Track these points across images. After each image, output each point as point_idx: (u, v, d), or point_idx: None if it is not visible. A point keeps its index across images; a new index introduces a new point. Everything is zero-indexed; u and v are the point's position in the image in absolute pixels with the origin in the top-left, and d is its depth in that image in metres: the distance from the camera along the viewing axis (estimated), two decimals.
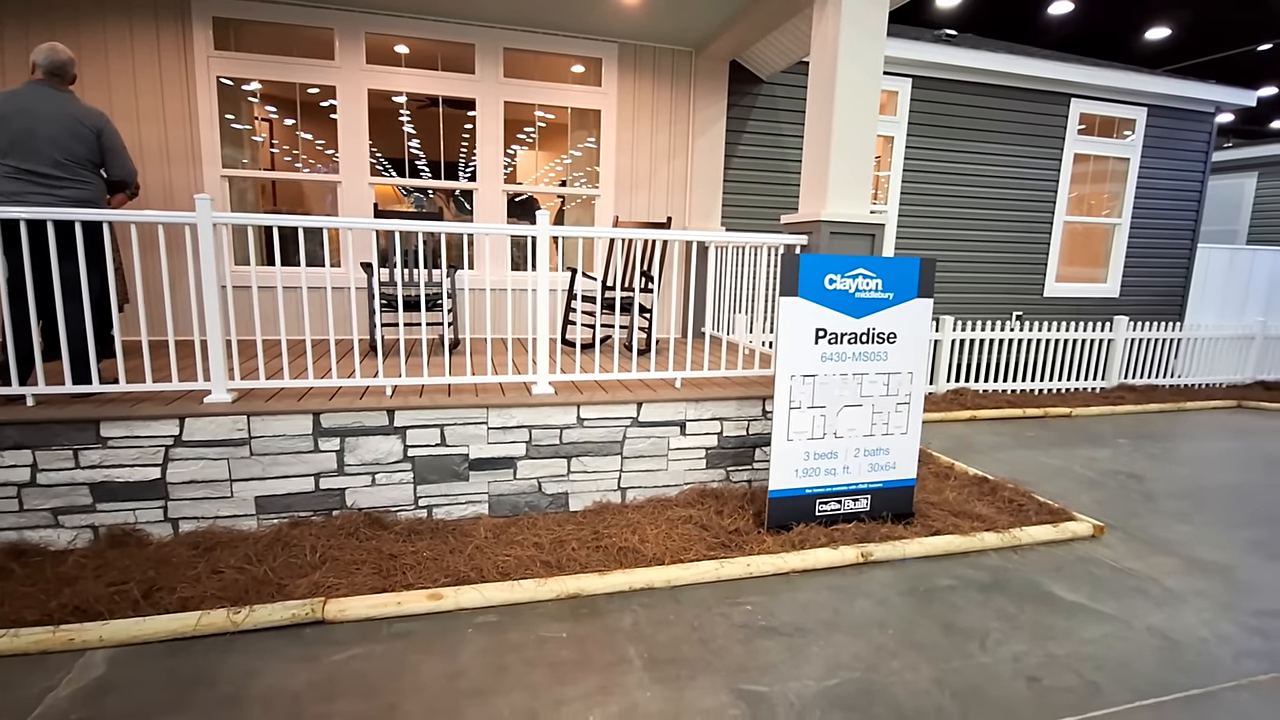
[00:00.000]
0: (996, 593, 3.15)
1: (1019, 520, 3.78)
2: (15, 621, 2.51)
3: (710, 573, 3.10)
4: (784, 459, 3.45)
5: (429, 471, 3.46)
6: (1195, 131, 7.70)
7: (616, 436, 3.71)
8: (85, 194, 3.18)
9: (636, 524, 3.46)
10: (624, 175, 5.92)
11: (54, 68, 3.15)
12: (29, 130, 3.01)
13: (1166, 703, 2.41)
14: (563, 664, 2.49)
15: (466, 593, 2.83)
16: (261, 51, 5.07)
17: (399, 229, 3.40)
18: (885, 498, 3.67)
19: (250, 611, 2.60)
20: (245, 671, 2.38)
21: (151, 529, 3.17)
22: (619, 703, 2.29)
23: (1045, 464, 5.13)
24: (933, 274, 3.55)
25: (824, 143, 3.87)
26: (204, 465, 3.17)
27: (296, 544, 3.10)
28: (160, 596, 2.68)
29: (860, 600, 3.02)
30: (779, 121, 6.26)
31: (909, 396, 3.62)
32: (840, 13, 3.72)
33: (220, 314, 3.21)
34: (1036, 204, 7.23)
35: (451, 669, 2.44)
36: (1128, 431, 6.23)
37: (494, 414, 3.50)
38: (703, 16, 5.15)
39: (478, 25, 5.35)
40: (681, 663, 2.52)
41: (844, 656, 2.61)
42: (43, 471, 3.02)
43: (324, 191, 8.77)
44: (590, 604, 2.90)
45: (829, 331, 3.43)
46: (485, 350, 3.96)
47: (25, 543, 3.04)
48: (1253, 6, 13.95)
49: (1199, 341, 7.81)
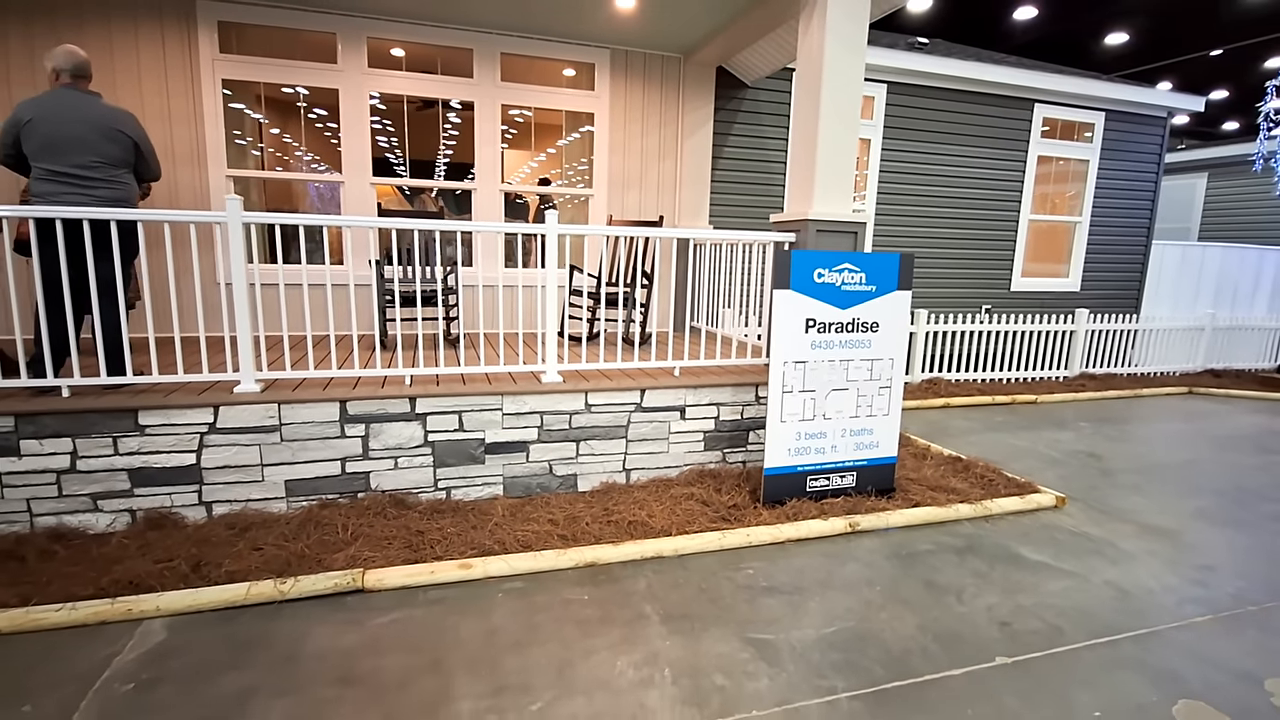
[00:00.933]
0: (970, 555, 3.48)
1: (990, 493, 4.13)
2: (70, 596, 2.69)
3: (714, 542, 3.38)
4: (778, 439, 3.75)
5: (448, 455, 3.69)
6: (1150, 135, 8.20)
7: (622, 421, 3.97)
8: (119, 194, 3.34)
9: (643, 501, 3.73)
10: (616, 175, 6.17)
11: (76, 70, 3.29)
12: (60, 134, 3.16)
13: (1119, 640, 2.75)
14: (588, 621, 2.75)
15: (493, 562, 3.07)
16: (265, 54, 5.22)
17: (419, 229, 3.62)
18: (869, 474, 3.99)
19: (295, 582, 2.81)
20: (297, 634, 2.60)
21: (186, 512, 3.35)
22: (642, 650, 2.56)
23: (1013, 445, 5.52)
24: (911, 268, 3.87)
25: (810, 147, 4.17)
26: (237, 451, 3.36)
27: (328, 523, 3.31)
28: (208, 570, 2.88)
29: (850, 564, 3.33)
30: (762, 124, 6.57)
31: (890, 381, 3.94)
32: (825, 29, 4.02)
33: (249, 308, 3.40)
34: (1003, 203, 7.66)
35: (487, 627, 2.68)
36: (1088, 416, 6.67)
37: (508, 401, 3.74)
38: (692, 26, 5.43)
39: (476, 31, 5.56)
40: (694, 618, 2.80)
41: (838, 610, 2.91)
42: (82, 458, 3.19)
43: (306, 192, 8.87)
44: (606, 571, 3.16)
45: (818, 321, 3.73)
46: (495, 343, 4.17)
47: (64, 527, 3.21)
48: (1206, 16, 14.68)
49: (1154, 332, 8.32)
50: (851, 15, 4.07)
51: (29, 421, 3.10)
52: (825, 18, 4.03)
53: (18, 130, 3.11)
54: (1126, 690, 2.43)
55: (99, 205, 3.24)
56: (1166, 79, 18.22)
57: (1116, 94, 7.77)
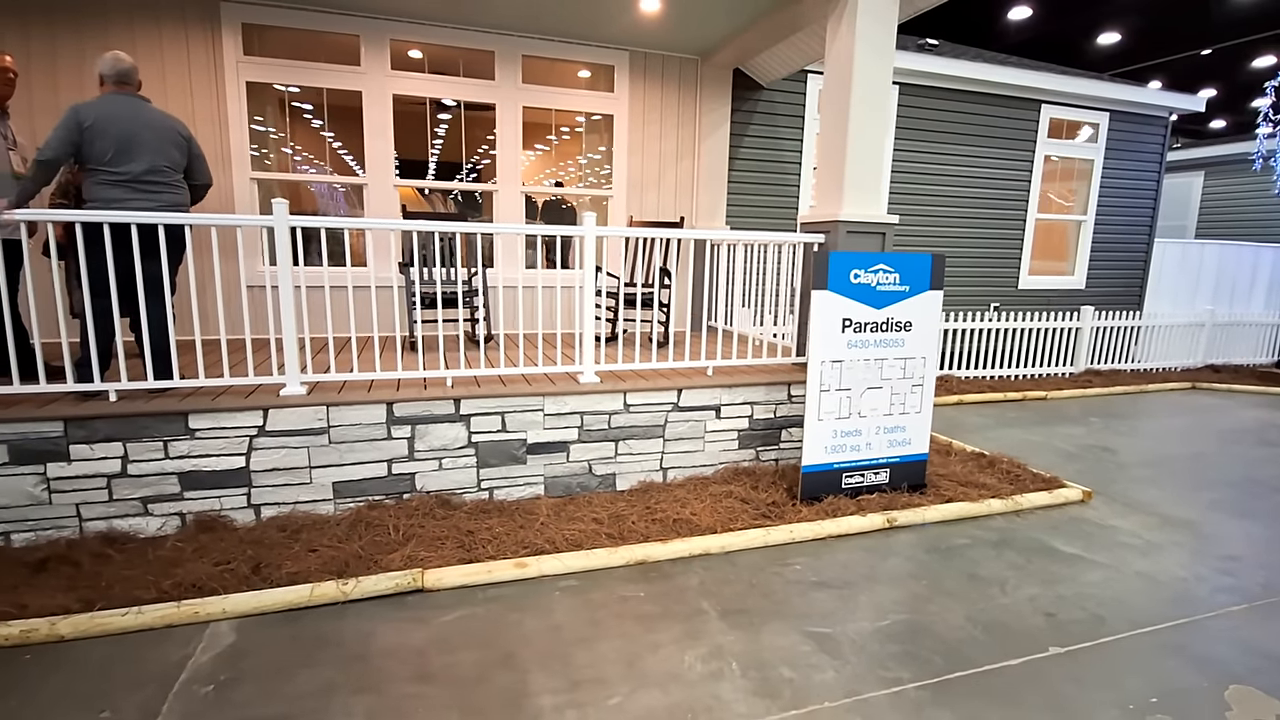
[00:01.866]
0: (1006, 549, 3.57)
1: (1019, 488, 4.22)
2: (133, 600, 2.71)
3: (759, 539, 3.45)
4: (815, 437, 3.82)
5: (491, 456, 3.73)
6: (1152, 134, 8.36)
7: (659, 421, 4.02)
8: (179, 198, 3.36)
9: (684, 499, 3.79)
10: (635, 176, 6.22)
11: (123, 76, 3.29)
12: (131, 137, 3.18)
13: (1160, 629, 2.84)
14: (647, 616, 2.80)
15: (547, 561, 3.12)
16: (289, 57, 5.22)
17: (462, 231, 3.66)
18: (902, 471, 4.06)
19: (357, 583, 2.84)
20: (364, 633, 2.63)
21: (236, 514, 3.37)
22: (706, 644, 2.61)
23: (1029, 440, 5.62)
24: (943, 268, 3.95)
25: (839, 149, 4.24)
26: (286, 453, 3.39)
27: (379, 524, 3.34)
28: (268, 572, 2.91)
29: (892, 559, 3.41)
30: (777, 125, 6.64)
31: (922, 379, 4.02)
32: (854, 33, 4.09)
33: (294, 311, 3.42)
34: (1011, 202, 7.79)
35: (551, 624, 2.73)
36: (1097, 411, 6.80)
37: (549, 401, 3.79)
38: (713, 28, 5.48)
39: (498, 33, 5.58)
40: (751, 612, 2.86)
41: (888, 603, 2.98)
42: (133, 462, 3.20)
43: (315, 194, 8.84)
44: (657, 568, 3.22)
45: (854, 321, 3.80)
46: (520, 342, 4.21)
47: (115, 531, 3.21)
48: (1197, 17, 14.94)
49: (1156, 329, 8.48)
50: (880, 19, 4.14)
51: (80, 426, 3.11)
52: (855, 22, 4.09)
53: (79, 133, 3.10)
54: (1175, 676, 2.51)
55: (161, 210, 3.25)
56: (1156, 78, 18.54)
57: (1121, 94, 7.92)
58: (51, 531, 3.14)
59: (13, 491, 3.07)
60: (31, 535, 3.12)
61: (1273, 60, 16.03)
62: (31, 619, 2.54)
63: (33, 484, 3.09)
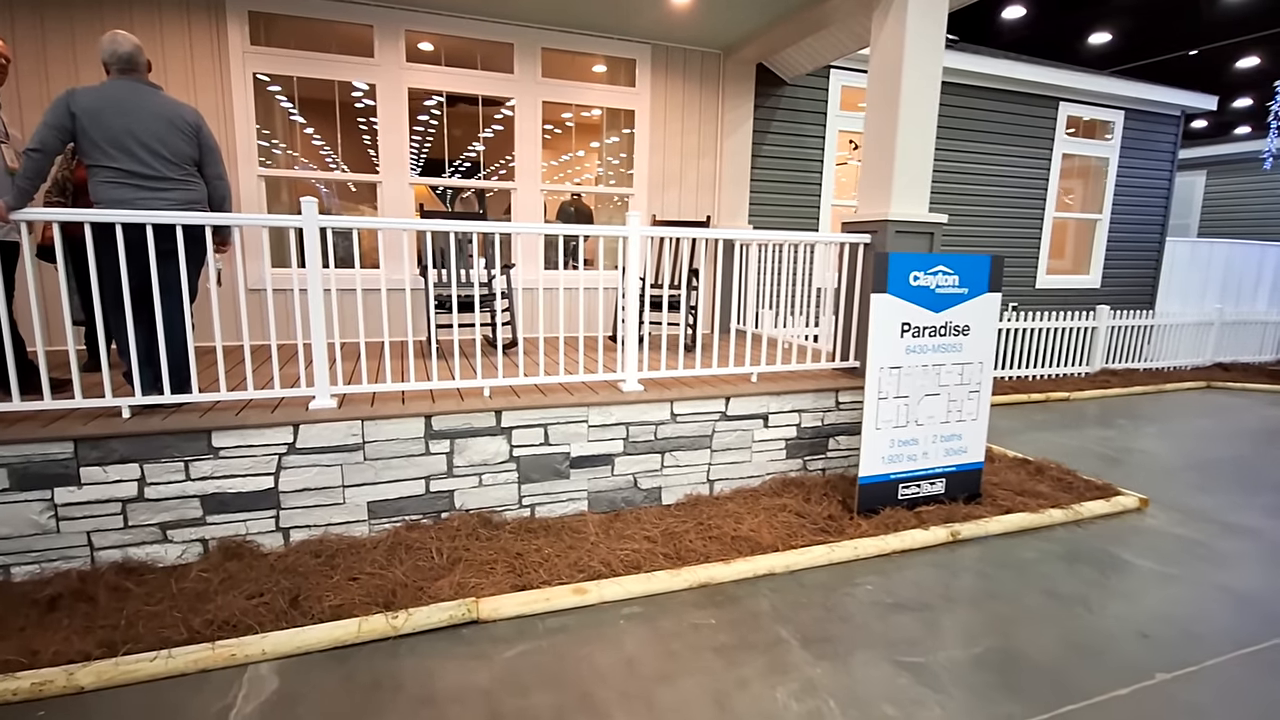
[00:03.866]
0: (1078, 563, 3.41)
1: (1075, 497, 4.07)
2: (162, 641, 2.44)
3: (822, 556, 3.25)
4: (873, 446, 3.63)
5: (533, 470, 3.50)
6: (1165, 133, 8.32)
7: (707, 431, 3.82)
8: (192, 195, 3.07)
9: (736, 514, 3.58)
10: (656, 174, 6.01)
11: (124, 61, 2.97)
12: (128, 129, 2.88)
13: (1263, 649, 2.69)
14: (725, 647, 2.59)
15: (607, 586, 2.90)
16: (299, 47, 4.93)
17: (499, 231, 3.43)
18: (958, 480, 3.90)
19: (409, 616, 2.60)
20: (423, 672, 2.39)
21: (263, 539, 3.10)
22: (796, 679, 2.41)
23: (1064, 444, 5.50)
24: (1001, 269, 3.79)
25: (887, 147, 4.06)
26: (318, 472, 3.13)
27: (419, 547, 3.10)
28: (308, 605, 2.65)
29: (964, 576, 3.23)
30: (800, 122, 6.46)
31: (979, 385, 3.86)
32: (904, 27, 3.92)
33: (324, 318, 3.17)
34: (1029, 200, 7.69)
35: (624, 657, 2.51)
36: (1121, 413, 6.71)
37: (594, 412, 3.56)
38: (742, 21, 5.28)
39: (517, 25, 5.34)
40: (833, 640, 2.67)
41: (974, 627, 2.80)
42: (151, 485, 2.92)
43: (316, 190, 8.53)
44: (722, 591, 3.01)
45: (913, 325, 3.63)
46: (557, 348, 3.97)
47: (131, 560, 2.94)
48: (1185, 18, 15.08)
49: (1168, 328, 8.44)
50: (929, 12, 3.97)
51: (92, 446, 2.83)
52: (904, 14, 3.92)
53: (70, 119, 2.80)
54: None
55: (174, 209, 2.97)
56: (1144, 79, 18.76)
57: (1136, 92, 7.86)
58: (59, 563, 2.86)
59: (15, 520, 2.78)
60: (36, 568, 2.83)
61: (1256, 61, 16.29)
62: (45, 668, 2.27)
63: (38, 511, 2.80)
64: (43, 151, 2.75)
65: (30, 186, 2.77)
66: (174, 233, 2.95)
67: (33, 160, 2.75)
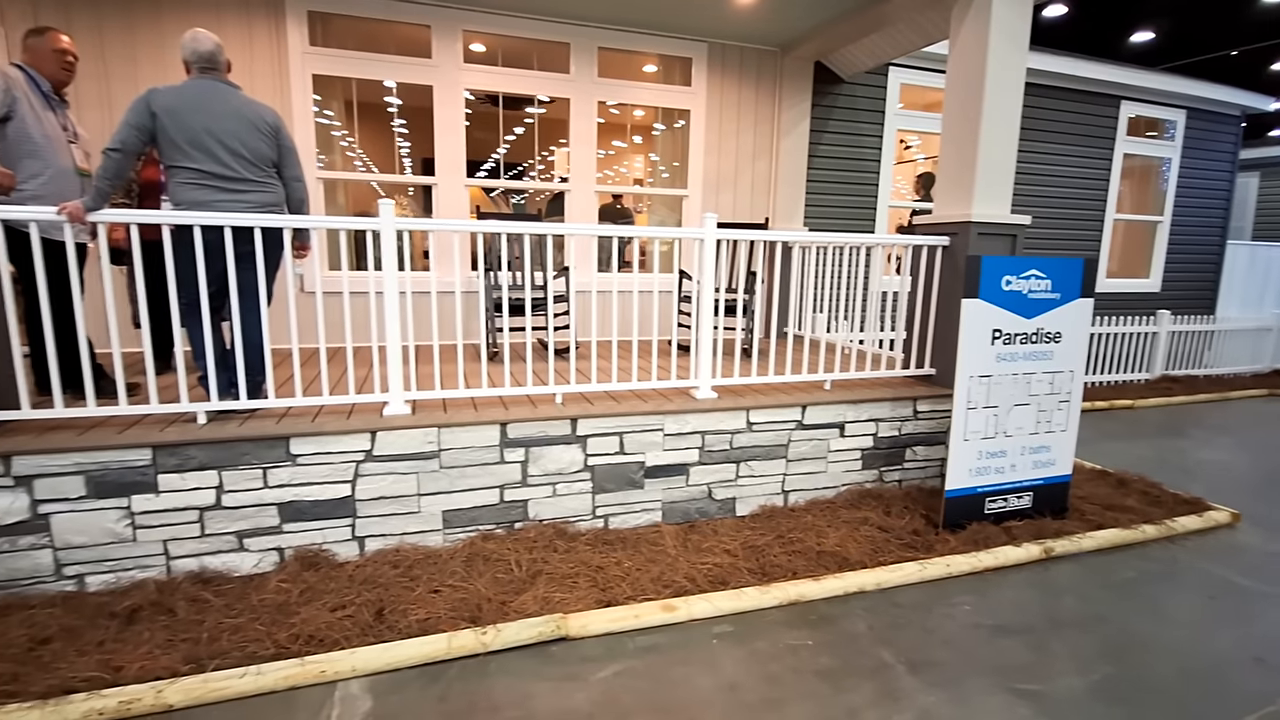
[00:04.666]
0: (1179, 583, 3.22)
1: (1166, 511, 3.88)
2: (248, 657, 2.36)
3: (914, 574, 3.11)
4: (960, 459, 3.48)
5: (607, 480, 3.39)
6: (1225, 133, 8.03)
7: (783, 440, 3.68)
8: (271, 198, 3.00)
9: (816, 527, 3.45)
10: (711, 175, 5.88)
11: (205, 59, 2.92)
12: (207, 129, 2.81)
13: None
14: (829, 672, 2.46)
15: (697, 603, 2.78)
16: (357, 48, 4.89)
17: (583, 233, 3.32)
18: (1045, 494, 3.72)
19: (498, 632, 2.50)
20: (518, 694, 2.29)
21: (338, 548, 3.03)
22: (910, 709, 2.27)
23: (1139, 455, 5.27)
24: (1094, 274, 3.62)
25: (969, 146, 3.91)
26: (394, 480, 3.04)
27: (497, 558, 3.00)
28: (393, 619, 2.56)
29: (1065, 597, 3.06)
30: (858, 121, 6.30)
31: (1070, 394, 3.69)
32: (988, 21, 3.77)
33: (399, 323, 3.08)
34: (1090, 201, 7.45)
35: (724, 681, 2.39)
36: (1188, 421, 6.46)
37: (669, 420, 3.45)
38: (806, 17, 5.14)
39: (574, 24, 5.25)
40: (940, 665, 2.52)
41: (1086, 653, 2.64)
42: (229, 493, 2.86)
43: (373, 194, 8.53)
44: (814, 609, 2.87)
45: (1004, 332, 3.47)
46: (621, 353, 3.85)
47: (207, 570, 2.87)
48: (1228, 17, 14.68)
49: (1228, 333, 8.15)
50: (1014, 5, 3.82)
51: (170, 453, 2.76)
52: (989, 8, 3.77)
53: (150, 119, 2.74)
54: None
55: (250, 211, 2.91)
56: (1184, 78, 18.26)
57: (1198, 91, 7.59)
58: (135, 572, 2.80)
59: (92, 529, 2.73)
60: (112, 577, 2.78)
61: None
62: (132, 685, 2.19)
63: (115, 519, 2.75)
64: (123, 151, 2.70)
65: (109, 187, 2.71)
66: (252, 235, 2.88)
67: (112, 160, 2.69)
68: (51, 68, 3.21)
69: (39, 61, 3.18)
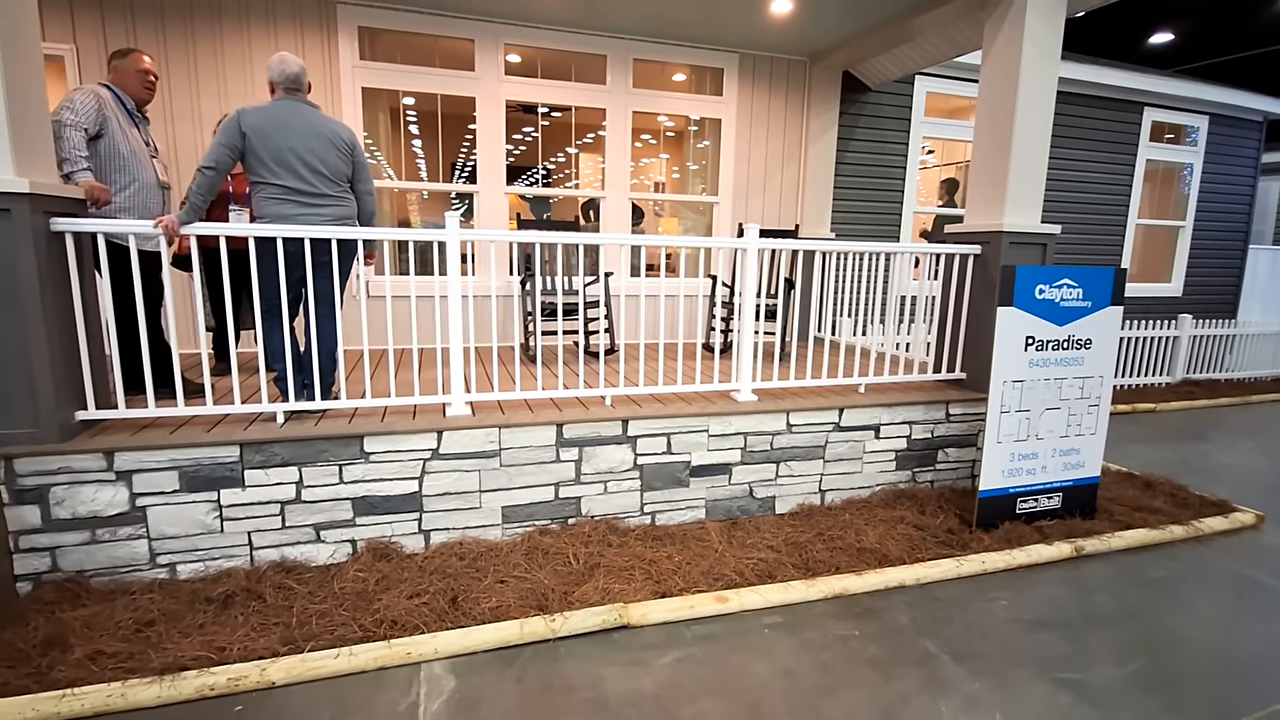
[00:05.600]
0: (1208, 581, 3.35)
1: (1193, 513, 4.00)
2: (338, 639, 2.55)
3: (951, 570, 3.25)
4: (994, 460, 3.62)
5: (655, 478, 3.56)
6: (1247, 138, 8.10)
7: (820, 441, 3.84)
8: (346, 211, 3.19)
9: (854, 525, 3.60)
10: (740, 182, 6.04)
11: (291, 81, 3.12)
12: (291, 147, 3.01)
13: None
14: (877, 661, 2.61)
15: (747, 595, 2.94)
16: (405, 61, 5.08)
17: (635, 243, 3.49)
18: (1074, 495, 3.86)
19: (565, 619, 2.67)
20: (589, 676, 2.46)
21: (405, 541, 3.21)
22: (957, 695, 2.42)
23: (1163, 458, 5.38)
24: (1124, 282, 3.75)
25: (1001, 156, 4.04)
26: (458, 477, 3.23)
27: (555, 552, 3.18)
28: (468, 606, 2.74)
29: (1098, 594, 3.20)
30: (884, 129, 6.44)
31: (1099, 399, 3.82)
32: (1022, 34, 3.89)
33: (461, 328, 3.26)
34: (1114, 206, 7.54)
35: (780, 668, 2.55)
36: (1210, 425, 6.55)
37: (714, 422, 3.61)
38: (837, 29, 5.29)
39: (611, 36, 5.42)
40: (982, 657, 2.67)
41: (1121, 646, 2.77)
42: (308, 488, 3.05)
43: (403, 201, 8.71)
44: (857, 603, 3.03)
45: (1036, 339, 3.60)
46: (653, 355, 4.01)
47: (287, 560, 3.06)
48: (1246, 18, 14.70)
49: (1249, 337, 8.21)
50: (1048, 18, 3.94)
51: (256, 450, 2.96)
52: (1022, 21, 3.90)
53: (241, 139, 2.94)
54: None
55: (327, 223, 3.10)
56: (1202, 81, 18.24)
57: (1220, 97, 7.66)
58: (221, 561, 2.99)
59: (184, 520, 2.92)
60: (200, 565, 2.97)
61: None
62: (237, 664, 2.38)
63: (205, 512, 2.94)
64: (216, 170, 2.89)
65: (203, 203, 2.91)
66: (330, 246, 3.07)
67: (206, 177, 2.89)
68: (135, 87, 3.42)
69: (124, 81, 3.39)
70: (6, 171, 2.54)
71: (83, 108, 3.10)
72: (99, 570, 2.83)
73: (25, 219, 2.57)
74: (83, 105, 3.10)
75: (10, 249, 2.57)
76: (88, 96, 3.15)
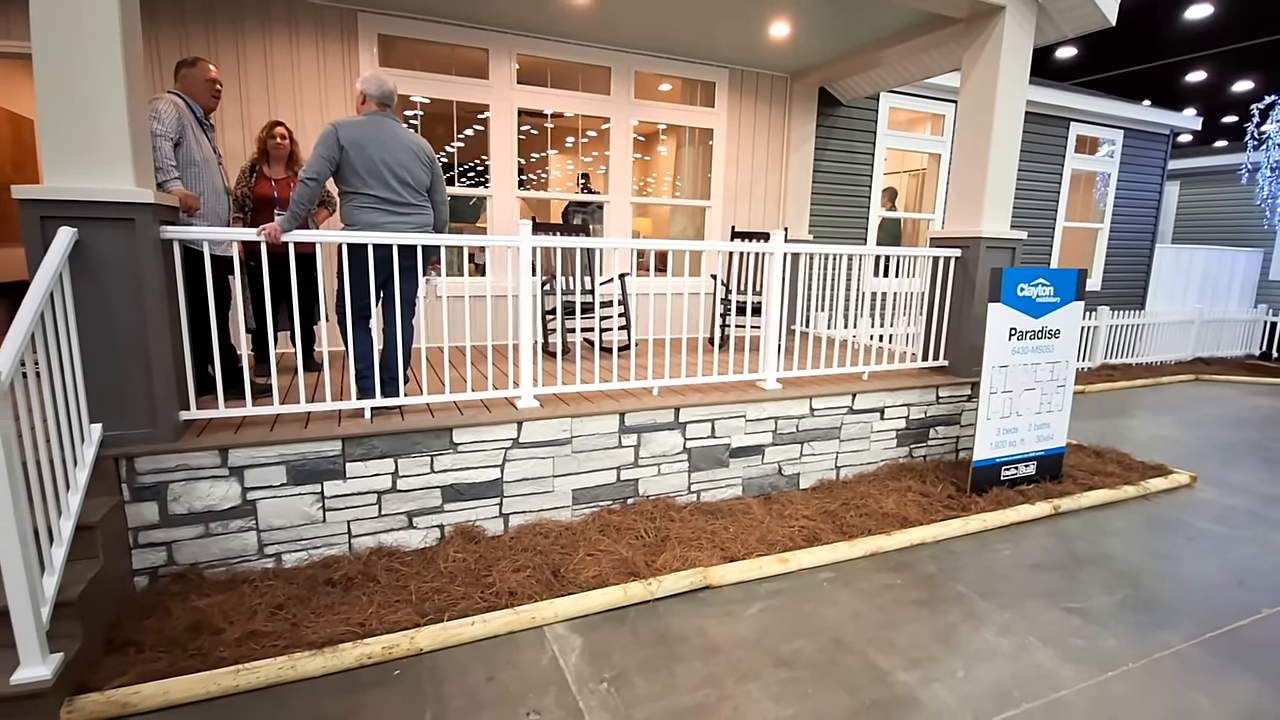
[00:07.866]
0: (1163, 529, 4.05)
1: (1140, 475, 4.74)
2: (465, 610, 2.82)
3: (960, 528, 3.81)
4: (985, 435, 4.21)
5: (701, 460, 3.96)
6: (1156, 150, 9.23)
7: (836, 423, 4.34)
8: (426, 219, 3.42)
9: (872, 495, 4.11)
10: (730, 187, 6.50)
11: (386, 98, 3.33)
12: (384, 160, 3.22)
13: None
14: (923, 601, 3.12)
15: (803, 556, 3.39)
16: (421, 69, 5.25)
17: (680, 249, 3.86)
18: (1045, 463, 4.52)
19: (659, 583, 3.05)
20: (693, 628, 2.84)
21: (487, 524, 3.49)
22: (991, 623, 2.95)
23: (1100, 431, 6.21)
24: (1085, 281, 4.42)
25: (979, 170, 4.65)
26: (534, 464, 3.53)
27: (625, 528, 3.53)
28: (570, 576, 3.07)
29: (1078, 542, 3.83)
30: (854, 141, 7.04)
31: (1065, 380, 4.49)
32: (998, 67, 4.50)
33: (530, 326, 3.56)
34: (1043, 213, 8.47)
35: (846, 612, 3.01)
36: (1132, 403, 7.52)
37: (750, 408, 4.04)
38: (820, 50, 5.81)
39: (616, 50, 5.75)
40: (1001, 594, 3.22)
41: (1108, 580, 3.39)
42: (402, 478, 3.28)
43: None
44: (891, 558, 3.53)
45: (1018, 330, 4.22)
46: (666, 349, 4.42)
47: (383, 546, 3.29)
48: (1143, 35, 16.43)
49: (1157, 326, 9.37)
50: (1018, 53, 4.57)
51: (357, 444, 3.17)
52: (998, 56, 4.50)
53: (339, 151, 3.14)
54: None
55: (414, 231, 3.33)
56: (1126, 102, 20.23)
57: (1135, 114, 8.73)
58: (323, 549, 3.20)
59: (289, 512, 3.11)
60: (304, 554, 3.17)
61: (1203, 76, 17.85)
62: (386, 635, 2.63)
63: (309, 503, 3.14)
64: (317, 180, 3.09)
65: (303, 211, 3.10)
66: (415, 251, 3.31)
67: (308, 188, 3.08)
68: (203, 95, 3.52)
69: (192, 89, 3.49)
70: (130, 183, 2.67)
71: (167, 118, 3.21)
72: (212, 562, 2.99)
73: (147, 227, 2.71)
74: (167, 115, 3.21)
75: (134, 256, 2.70)
76: (169, 106, 3.25)
